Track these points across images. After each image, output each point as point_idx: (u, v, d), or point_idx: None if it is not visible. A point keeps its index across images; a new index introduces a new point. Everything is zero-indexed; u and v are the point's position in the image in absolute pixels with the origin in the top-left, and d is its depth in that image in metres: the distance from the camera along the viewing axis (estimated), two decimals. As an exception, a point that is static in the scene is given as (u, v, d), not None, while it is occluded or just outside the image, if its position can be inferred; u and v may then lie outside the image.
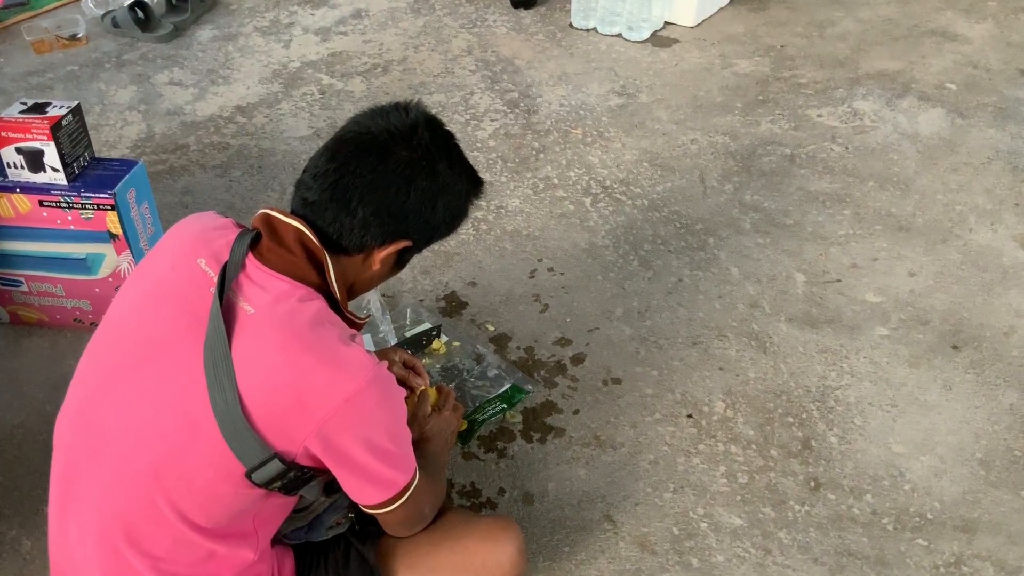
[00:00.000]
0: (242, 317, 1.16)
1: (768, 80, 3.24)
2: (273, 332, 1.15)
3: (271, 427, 1.15)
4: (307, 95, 3.19)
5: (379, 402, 1.19)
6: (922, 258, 2.41)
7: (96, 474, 1.20)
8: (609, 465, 1.88)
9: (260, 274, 1.20)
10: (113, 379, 1.22)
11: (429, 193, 1.26)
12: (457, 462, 1.88)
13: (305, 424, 1.15)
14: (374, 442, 1.19)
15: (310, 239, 1.23)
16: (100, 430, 1.21)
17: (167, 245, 1.30)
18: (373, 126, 1.26)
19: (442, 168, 1.28)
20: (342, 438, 1.16)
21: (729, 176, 2.74)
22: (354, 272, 1.29)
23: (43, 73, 3.35)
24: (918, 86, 3.18)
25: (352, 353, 1.17)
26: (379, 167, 1.23)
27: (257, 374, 1.14)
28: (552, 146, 2.90)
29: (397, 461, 1.24)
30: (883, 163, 2.79)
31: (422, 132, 1.26)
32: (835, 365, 2.10)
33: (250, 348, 1.15)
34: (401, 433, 1.25)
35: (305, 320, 1.17)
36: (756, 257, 2.42)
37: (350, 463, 1.19)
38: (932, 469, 1.86)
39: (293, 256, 1.22)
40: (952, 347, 2.14)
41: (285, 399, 1.14)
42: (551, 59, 3.41)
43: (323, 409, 1.14)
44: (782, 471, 1.86)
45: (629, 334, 2.19)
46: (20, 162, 1.98)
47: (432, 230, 1.32)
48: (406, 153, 1.24)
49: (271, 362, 1.14)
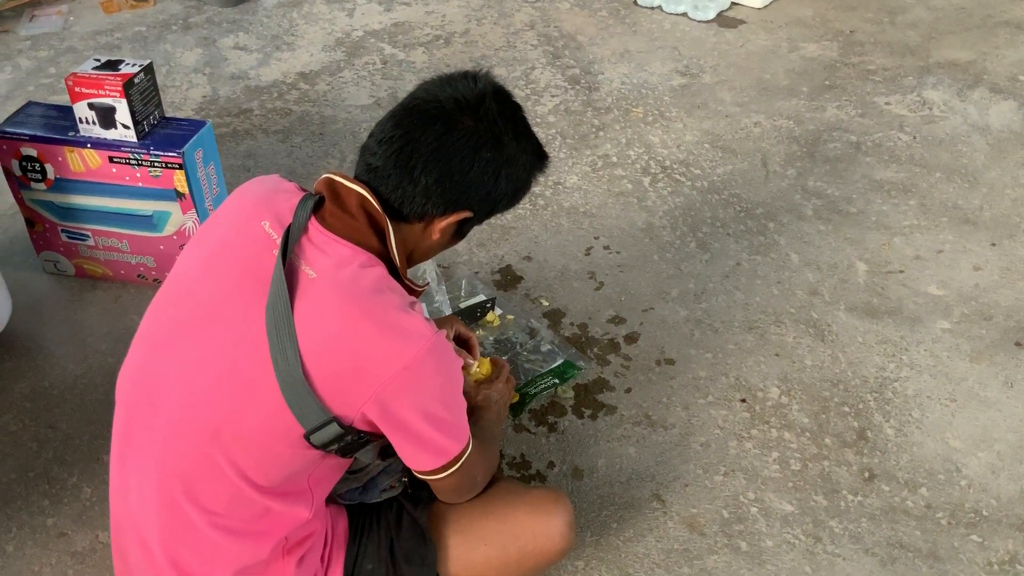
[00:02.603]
0: (304, 281, 1.17)
1: (836, 65, 3.18)
2: (334, 297, 1.16)
3: (331, 391, 1.15)
4: (369, 64, 3.20)
5: (437, 370, 1.19)
6: (988, 252, 2.36)
7: (156, 430, 1.23)
8: (659, 445, 1.87)
9: (322, 238, 1.21)
10: (175, 337, 1.24)
11: (493, 165, 1.25)
12: (508, 434, 1.89)
13: (364, 389, 1.15)
14: (430, 410, 1.20)
15: (372, 205, 1.23)
16: (161, 387, 1.23)
17: (231, 206, 1.31)
18: (440, 94, 1.25)
19: (507, 140, 1.26)
20: (399, 405, 1.17)
21: (792, 161, 2.70)
22: (414, 240, 1.29)
23: (111, 33, 3.40)
24: (990, 77, 3.10)
25: (411, 321, 1.17)
26: (444, 136, 1.22)
27: (318, 338, 1.15)
28: (612, 124, 2.88)
29: (451, 429, 1.24)
30: (951, 154, 2.72)
31: (489, 102, 1.25)
32: (894, 357, 2.06)
33: (311, 312, 1.15)
34: (457, 402, 1.25)
35: (366, 286, 1.17)
36: (817, 244, 2.39)
37: (405, 429, 1.20)
38: (989, 466, 1.83)
39: (355, 221, 1.22)
40: (1015, 344, 2.10)
41: (345, 364, 1.15)
42: (614, 36, 3.38)
43: (381, 375, 1.15)
44: (836, 460, 1.84)
45: (684, 315, 2.18)
46: (92, 118, 2.01)
47: (494, 202, 1.30)
48: (472, 123, 1.23)
49: (332, 327, 1.15)
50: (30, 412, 1.94)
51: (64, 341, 2.12)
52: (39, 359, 2.07)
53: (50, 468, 1.82)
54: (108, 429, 1.89)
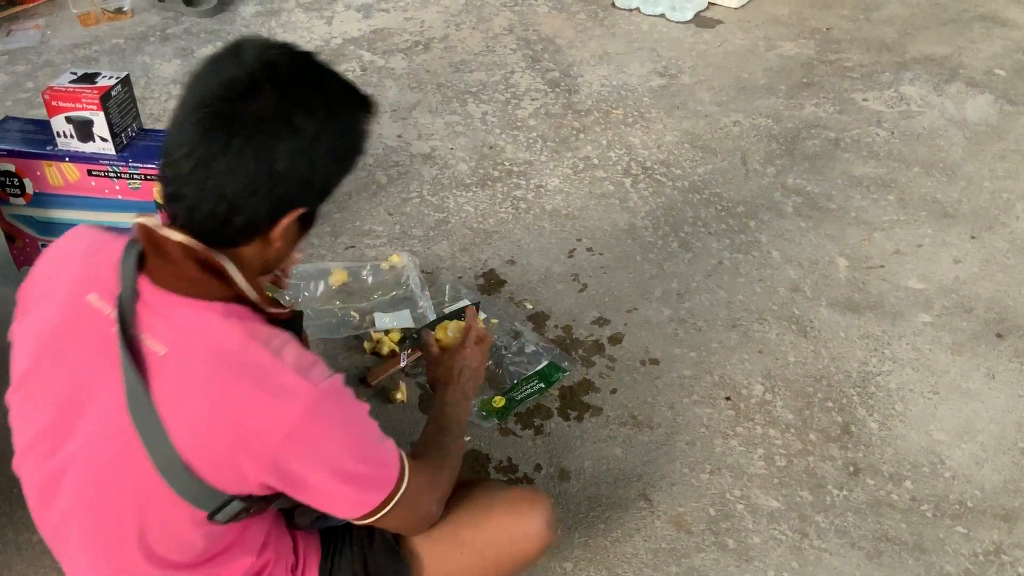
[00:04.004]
0: (154, 362, 1.04)
1: (813, 63, 3.20)
2: (191, 375, 1.04)
3: (219, 472, 1.05)
4: (348, 71, 3.20)
5: (329, 424, 1.06)
6: (967, 245, 2.38)
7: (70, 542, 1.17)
8: (646, 445, 1.88)
9: (159, 301, 1.06)
10: (50, 452, 1.13)
11: (297, 153, 1.05)
12: (494, 438, 1.89)
13: (254, 462, 1.05)
14: (334, 465, 1.08)
15: (195, 250, 1.06)
16: (62, 507, 1.15)
17: (50, 283, 1.15)
18: (208, 94, 1.04)
19: (300, 119, 1.05)
20: (297, 468, 1.06)
21: (772, 159, 2.72)
22: (258, 259, 1.13)
23: (89, 46, 3.39)
24: (966, 71, 3.12)
25: (285, 377, 1.04)
26: (229, 142, 1.02)
27: (188, 423, 1.04)
28: (593, 126, 2.89)
29: (366, 480, 1.12)
30: (929, 149, 2.75)
31: (262, 81, 1.03)
32: (876, 351, 2.08)
33: (173, 396, 1.04)
34: (368, 447, 1.12)
35: (223, 352, 1.04)
36: (798, 241, 2.40)
37: (314, 490, 1.10)
38: (973, 457, 1.85)
39: (186, 271, 1.06)
40: (996, 335, 2.11)
41: (225, 442, 1.04)
42: (593, 39, 3.39)
43: (268, 444, 1.03)
44: (821, 455, 1.85)
45: (668, 315, 2.19)
46: (70, 131, 2.01)
47: (322, 184, 1.11)
48: (253, 113, 1.02)
49: (199, 409, 1.03)
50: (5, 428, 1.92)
51: (47, 356, 2.10)
52: (22, 375, 2.06)
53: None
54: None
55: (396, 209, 2.54)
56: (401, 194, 2.60)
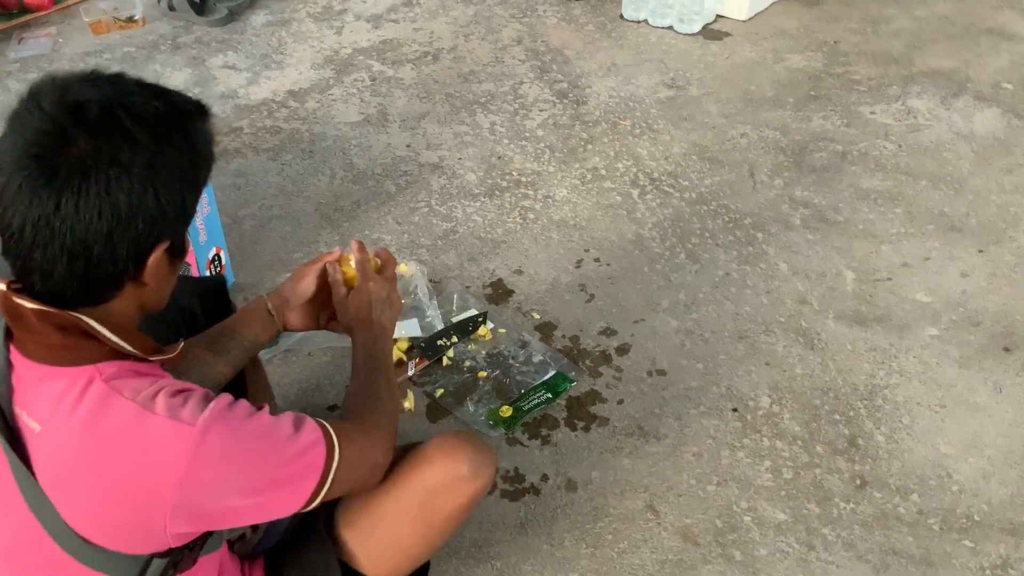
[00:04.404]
0: (32, 439, 1.01)
1: (820, 76, 3.20)
2: (65, 451, 0.99)
3: (127, 538, 1.03)
4: (358, 81, 3.22)
5: (221, 454, 1.02)
6: (974, 259, 2.38)
7: None
8: (653, 456, 1.88)
9: (29, 372, 1.02)
10: None
11: (136, 189, 0.97)
12: (501, 448, 1.89)
13: (159, 519, 1.01)
14: (247, 485, 1.05)
15: (54, 315, 1.00)
16: None
17: None
18: (19, 155, 0.95)
19: (127, 155, 0.97)
20: (208, 506, 1.03)
21: (779, 171, 2.73)
22: (133, 306, 1.07)
23: (100, 54, 3.41)
24: (974, 85, 3.13)
25: (157, 428, 0.99)
26: (60, 201, 0.94)
27: (77, 499, 1.00)
28: (600, 137, 2.90)
29: (289, 477, 1.09)
30: (936, 162, 2.75)
31: (72, 131, 0.95)
32: (884, 364, 2.08)
33: (54, 475, 1.00)
34: (276, 453, 1.08)
35: (91, 422, 0.99)
36: (805, 253, 2.40)
37: (239, 513, 1.07)
38: (980, 471, 1.84)
39: (49, 340, 1.00)
40: (1003, 349, 2.11)
41: (120, 512, 1.01)
42: (601, 50, 3.40)
43: (164, 501, 1.00)
44: (828, 468, 1.85)
45: (675, 326, 2.19)
46: (82, 139, 2.02)
47: (176, 210, 1.03)
48: (74, 165, 0.95)
49: (81, 485, 1.00)
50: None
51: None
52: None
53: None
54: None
55: (404, 218, 2.55)
56: (409, 203, 2.61)
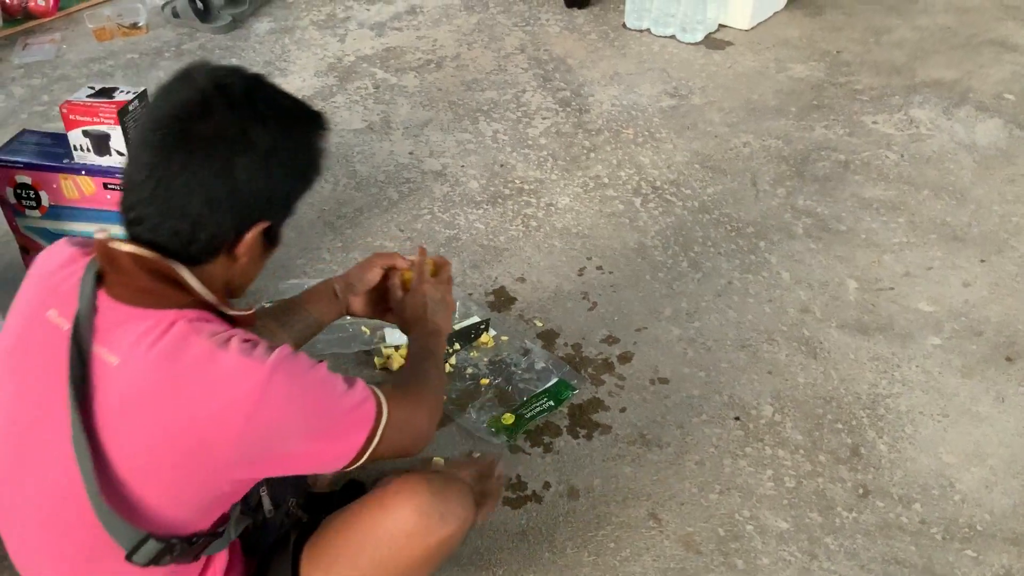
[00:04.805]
0: (106, 372, 1.06)
1: (823, 85, 3.21)
2: (141, 382, 1.05)
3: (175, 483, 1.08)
4: (361, 89, 3.22)
5: (286, 395, 1.09)
6: (977, 268, 2.38)
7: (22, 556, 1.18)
8: (655, 464, 1.88)
9: (115, 313, 1.08)
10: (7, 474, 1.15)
11: (255, 166, 1.09)
12: (504, 455, 1.89)
13: (217, 461, 1.08)
14: (305, 429, 1.12)
15: (147, 260, 1.08)
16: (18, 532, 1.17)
17: (23, 295, 1.18)
18: (163, 116, 1.09)
19: (255, 132, 1.09)
20: (268, 445, 1.09)
21: (782, 180, 2.73)
22: (222, 275, 1.16)
23: (104, 60, 3.42)
24: (976, 96, 3.13)
25: (231, 364, 1.06)
26: (188, 160, 1.07)
27: (140, 435, 1.06)
28: (603, 145, 2.90)
29: (342, 428, 1.16)
30: (939, 172, 2.75)
31: (216, 100, 1.08)
32: (886, 373, 2.08)
33: (124, 408, 1.05)
34: (332, 402, 1.15)
35: (171, 356, 1.06)
36: (808, 262, 2.41)
37: (292, 459, 1.13)
38: (983, 480, 1.84)
39: (140, 282, 1.08)
40: (1006, 359, 2.11)
41: (181, 448, 1.06)
42: (603, 59, 3.41)
43: (231, 434, 1.06)
44: (830, 477, 1.84)
45: (677, 335, 2.19)
46: (87, 145, 2.03)
47: (283, 198, 1.16)
48: (209, 130, 1.07)
49: (150, 417, 1.05)
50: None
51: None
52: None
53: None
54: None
55: (407, 225, 2.55)
56: (412, 211, 2.61)
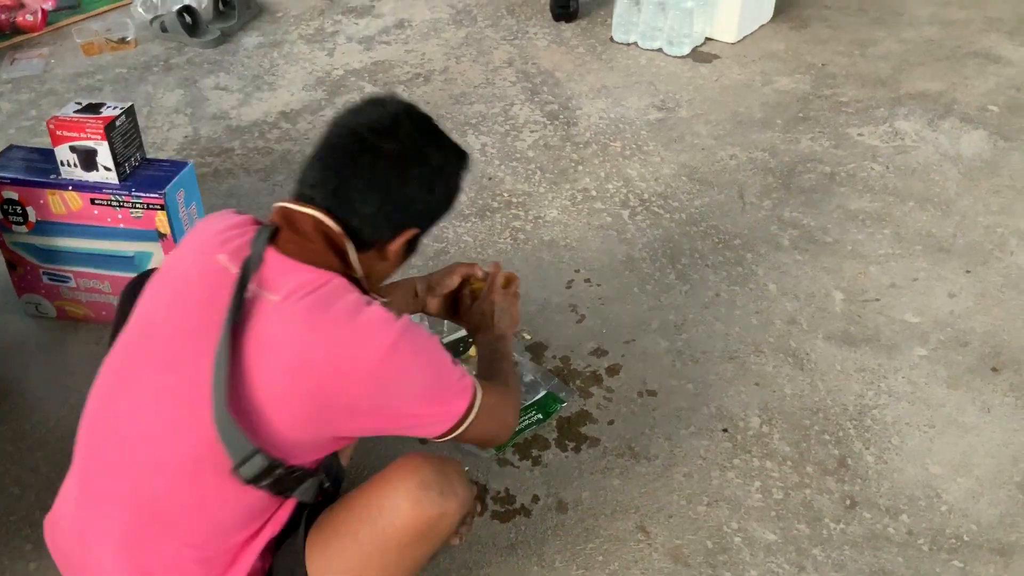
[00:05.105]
0: (265, 306, 1.20)
1: (809, 98, 3.23)
2: (297, 315, 1.20)
3: (296, 418, 1.20)
4: (350, 102, 3.22)
5: (413, 353, 1.24)
6: (962, 279, 2.40)
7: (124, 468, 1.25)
8: (643, 476, 1.88)
9: (282, 264, 1.24)
10: (135, 381, 1.26)
11: (425, 180, 1.33)
12: (492, 468, 1.89)
13: (336, 408, 1.21)
14: (421, 389, 1.26)
15: (328, 225, 1.27)
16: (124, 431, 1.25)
17: (188, 244, 1.35)
18: (355, 126, 1.30)
19: (431, 153, 1.33)
20: (388, 395, 1.23)
21: (768, 192, 2.75)
22: (368, 267, 1.34)
23: (92, 75, 3.42)
24: (960, 107, 3.16)
25: (374, 317, 1.22)
26: (373, 165, 1.28)
27: (280, 367, 1.18)
28: (591, 158, 2.92)
29: (448, 396, 1.30)
30: (924, 183, 2.77)
31: (404, 123, 1.31)
32: (873, 384, 2.09)
33: (273, 339, 1.19)
34: (445, 370, 1.30)
35: (327, 300, 1.21)
36: (794, 274, 2.42)
37: (400, 421, 1.28)
38: (969, 491, 1.85)
39: (313, 244, 1.26)
40: (992, 369, 2.13)
41: (319, 376, 1.19)
42: (591, 72, 3.43)
43: (362, 374, 1.20)
44: (817, 488, 1.85)
45: (665, 347, 2.20)
46: (73, 160, 2.03)
47: (434, 213, 1.39)
48: (394, 146, 1.29)
49: (293, 351, 1.19)
50: (11, 455, 1.93)
51: (46, 383, 2.11)
52: (20, 402, 2.06)
53: (32, 512, 1.81)
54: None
55: (396, 239, 2.55)
56: (401, 224, 2.61)
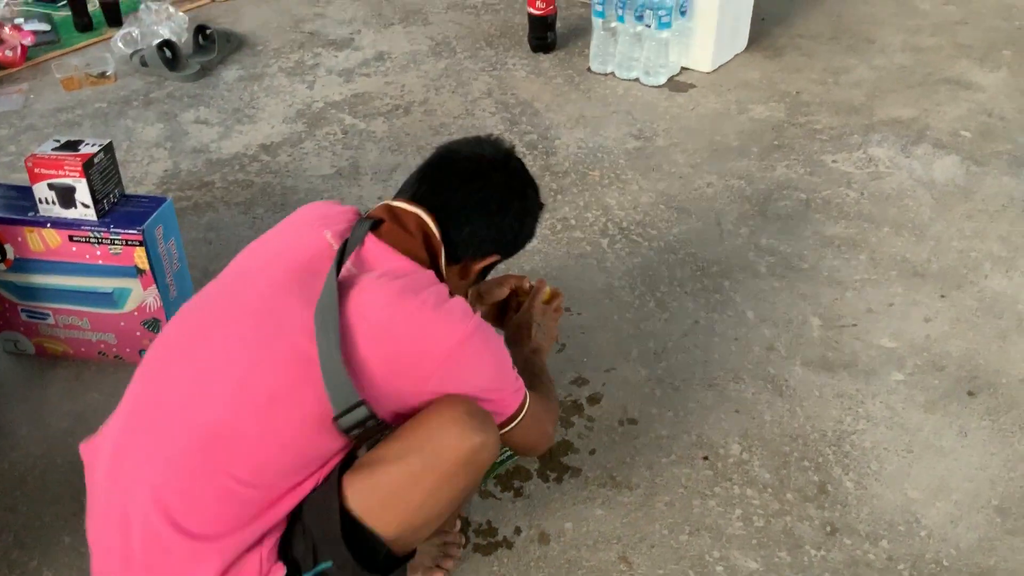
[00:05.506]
0: (364, 279, 1.31)
1: (783, 125, 3.28)
2: (388, 290, 1.30)
3: (384, 372, 1.29)
4: (330, 135, 3.25)
5: (482, 348, 1.35)
6: (937, 304, 2.43)
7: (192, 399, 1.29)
8: (625, 506, 1.89)
9: (379, 249, 1.37)
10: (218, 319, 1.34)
11: (520, 213, 1.51)
12: (474, 501, 1.89)
13: (420, 368, 1.31)
14: (481, 384, 1.36)
15: (429, 226, 1.41)
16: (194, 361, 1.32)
17: (291, 220, 1.48)
18: (472, 154, 1.48)
19: (529, 192, 1.54)
20: (451, 384, 1.33)
21: (745, 219, 2.77)
22: (450, 279, 1.47)
23: (72, 110, 3.43)
24: (933, 133, 3.21)
25: (455, 308, 1.34)
26: (482, 190, 1.45)
27: (371, 321, 1.28)
28: (570, 187, 2.94)
29: (503, 397, 1.41)
30: (898, 209, 2.81)
31: (513, 160, 1.52)
32: (851, 409, 2.10)
33: (366, 304, 1.29)
34: (505, 371, 1.41)
35: (417, 285, 1.33)
36: (772, 300, 2.44)
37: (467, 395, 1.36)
38: (948, 515, 1.86)
39: (412, 239, 1.39)
40: (968, 393, 2.15)
41: (399, 346, 1.29)
42: (569, 102, 3.46)
43: (434, 357, 1.30)
44: (798, 515, 1.86)
45: (645, 375, 2.21)
46: (52, 198, 2.03)
47: (516, 245, 1.55)
48: (503, 179, 1.48)
49: (386, 311, 1.29)
50: (-11, 495, 1.92)
51: (24, 421, 2.10)
52: (-2, 440, 2.05)
53: (10, 552, 1.79)
54: (70, 510, 1.87)
55: (376, 271, 2.56)
56: (381, 256, 2.62)
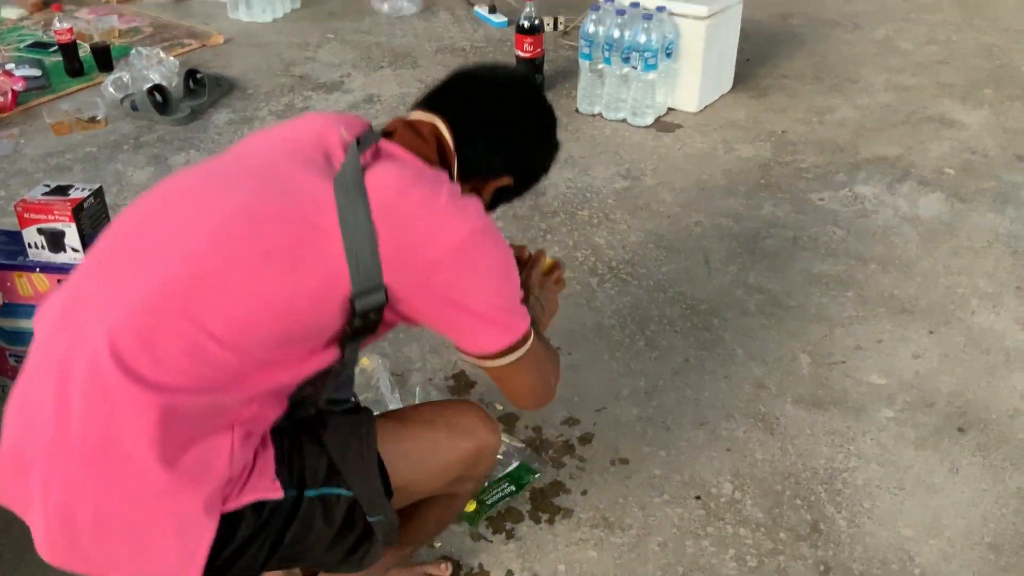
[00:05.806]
0: (376, 166, 1.26)
1: (770, 164, 3.31)
2: (406, 175, 1.25)
3: (392, 257, 1.21)
4: (319, 177, 3.26)
5: (488, 251, 1.27)
6: (925, 340, 2.44)
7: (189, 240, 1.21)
8: (618, 547, 1.88)
9: (395, 149, 1.31)
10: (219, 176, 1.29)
11: (533, 136, 1.44)
12: (465, 544, 1.88)
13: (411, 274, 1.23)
14: (484, 294, 1.27)
15: (445, 137, 1.35)
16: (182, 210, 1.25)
17: (304, 116, 1.42)
18: (491, 73, 1.44)
19: (545, 116, 1.47)
20: (450, 290, 1.25)
21: (733, 258, 2.79)
22: None
23: (62, 154, 3.44)
24: (917, 171, 3.25)
25: (471, 203, 1.28)
26: (498, 106, 1.40)
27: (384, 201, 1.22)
28: (559, 227, 2.96)
29: (505, 317, 1.30)
30: (884, 246, 2.83)
31: (532, 85, 1.52)
32: (842, 447, 2.10)
33: (382, 186, 1.23)
34: (511, 287, 1.31)
35: (434, 176, 1.28)
36: (761, 338, 2.45)
37: (455, 317, 1.27)
38: (941, 553, 1.86)
39: (426, 145, 1.34)
40: (958, 429, 2.15)
41: (412, 229, 1.22)
42: (558, 143, 3.49)
43: (436, 251, 1.22)
44: (791, 555, 1.85)
45: (636, 414, 2.21)
46: (41, 242, 2.03)
47: (530, 171, 1.46)
48: (519, 95, 1.44)
49: (405, 196, 1.23)
50: (-26, 543, 1.89)
51: (10, 467, 2.07)
52: (-16, 487, 2.02)
53: None
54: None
55: (366, 312, 2.56)
56: (371, 297, 2.62)
